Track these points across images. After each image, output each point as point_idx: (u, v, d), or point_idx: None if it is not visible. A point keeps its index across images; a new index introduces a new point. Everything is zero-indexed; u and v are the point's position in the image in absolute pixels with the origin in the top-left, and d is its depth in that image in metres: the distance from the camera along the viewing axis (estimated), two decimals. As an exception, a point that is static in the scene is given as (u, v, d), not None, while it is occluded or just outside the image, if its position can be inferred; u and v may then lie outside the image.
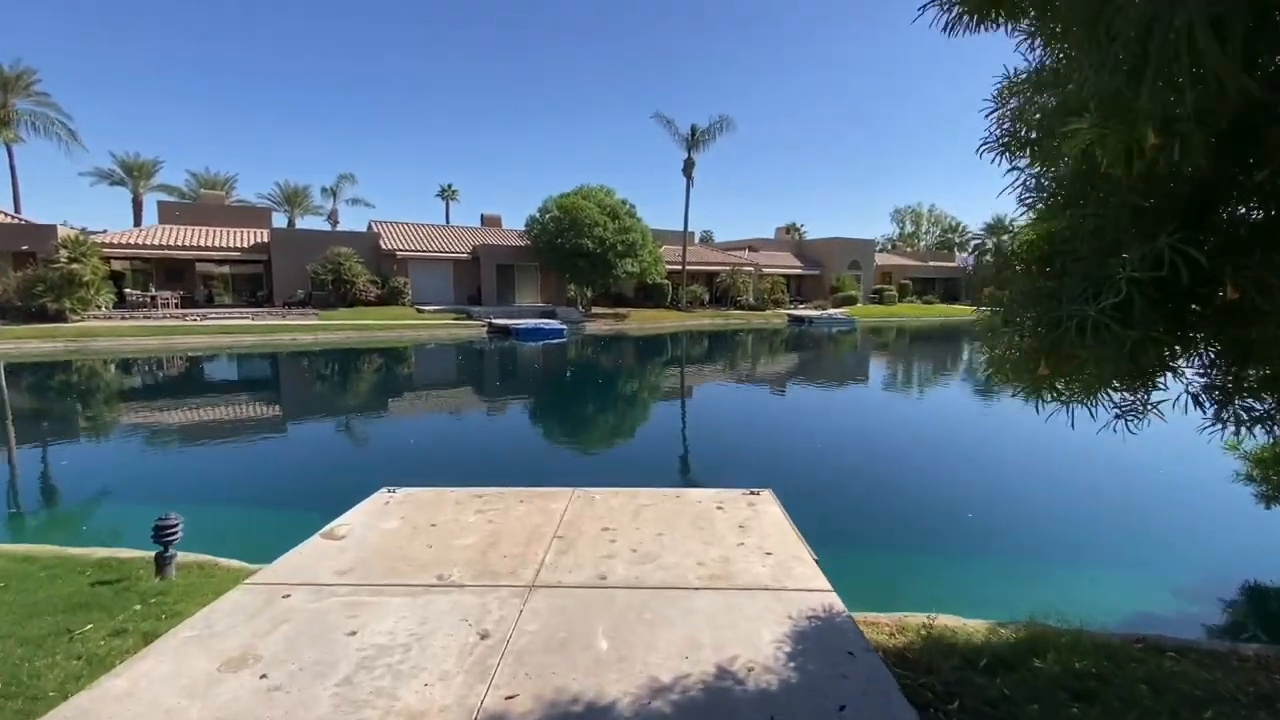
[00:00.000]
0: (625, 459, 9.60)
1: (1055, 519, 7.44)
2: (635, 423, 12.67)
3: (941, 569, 5.90)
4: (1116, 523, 7.35)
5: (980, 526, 6.95)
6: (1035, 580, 5.86)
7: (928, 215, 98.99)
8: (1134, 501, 8.06)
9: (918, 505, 7.53)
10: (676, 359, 24.19)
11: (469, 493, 5.39)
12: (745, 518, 4.79)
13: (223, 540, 5.67)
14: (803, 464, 9.30)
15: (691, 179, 40.48)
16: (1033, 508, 7.78)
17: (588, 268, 33.85)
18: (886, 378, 20.20)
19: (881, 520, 7.02)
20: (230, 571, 4.70)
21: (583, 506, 5.05)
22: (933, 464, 9.58)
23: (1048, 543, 6.75)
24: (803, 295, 51.54)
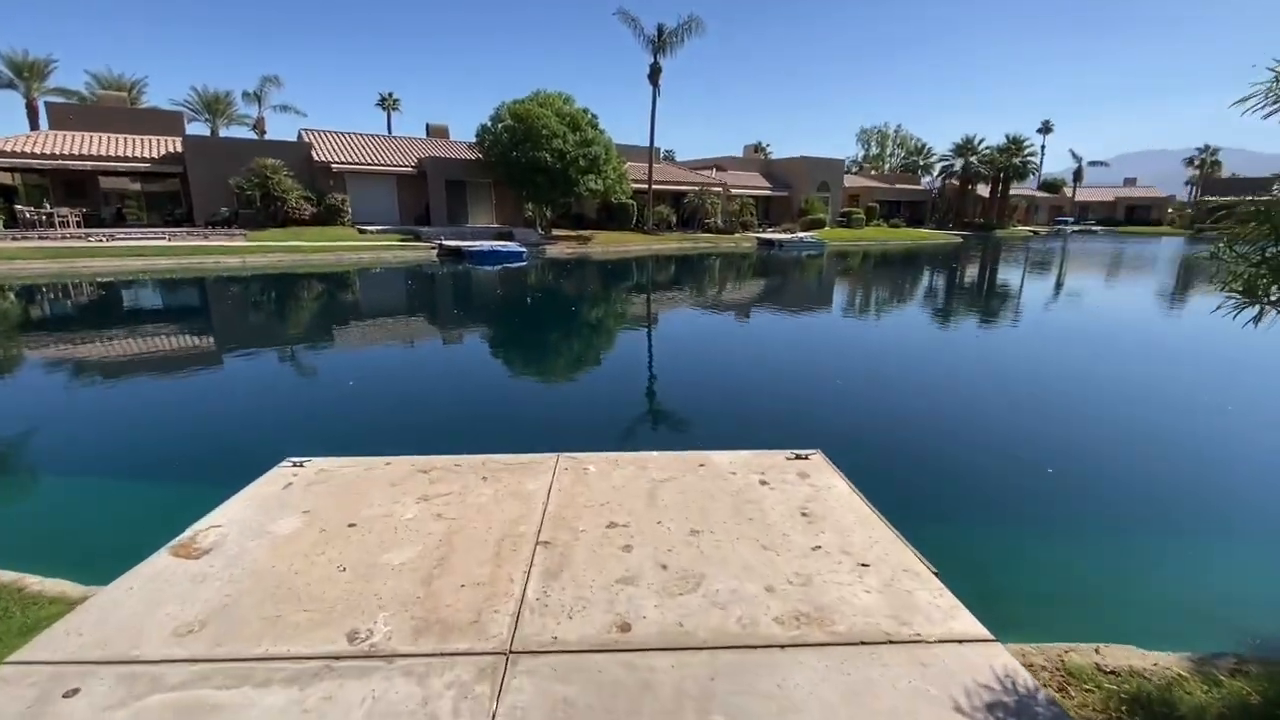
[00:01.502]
0: (612, 402, 7.88)
1: (1173, 470, 6.06)
2: (617, 359, 10.81)
3: (1028, 545, 4.62)
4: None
5: (1066, 484, 5.55)
6: (1182, 563, 4.45)
7: (893, 136, 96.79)
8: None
9: (966, 453, 6.31)
10: (649, 285, 22.50)
11: (411, 464, 3.85)
12: (804, 498, 3.42)
13: (56, 540, 4.04)
14: (819, 406, 8.05)
15: (658, 87, 37.29)
16: (1133, 455, 6.35)
17: (547, 184, 31.12)
18: (880, 304, 19.07)
19: (925, 474, 5.84)
20: (34, 603, 3.09)
21: (572, 483, 3.59)
22: (972, 398, 8.42)
23: (1177, 505, 5.34)
24: (771, 218, 49.73)
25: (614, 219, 37.88)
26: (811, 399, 8.10)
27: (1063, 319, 16.65)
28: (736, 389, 8.47)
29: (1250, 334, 2.50)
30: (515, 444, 5.60)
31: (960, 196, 65.19)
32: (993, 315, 16.82)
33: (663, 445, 5.66)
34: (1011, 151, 62.70)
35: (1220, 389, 8.97)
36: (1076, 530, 4.77)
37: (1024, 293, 21.56)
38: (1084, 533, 4.75)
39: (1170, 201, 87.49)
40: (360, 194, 32.68)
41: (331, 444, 5.09)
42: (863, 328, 14.60)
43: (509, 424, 6.85)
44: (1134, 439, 6.77)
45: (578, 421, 7.10)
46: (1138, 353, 12.03)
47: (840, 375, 9.26)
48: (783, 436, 6.17)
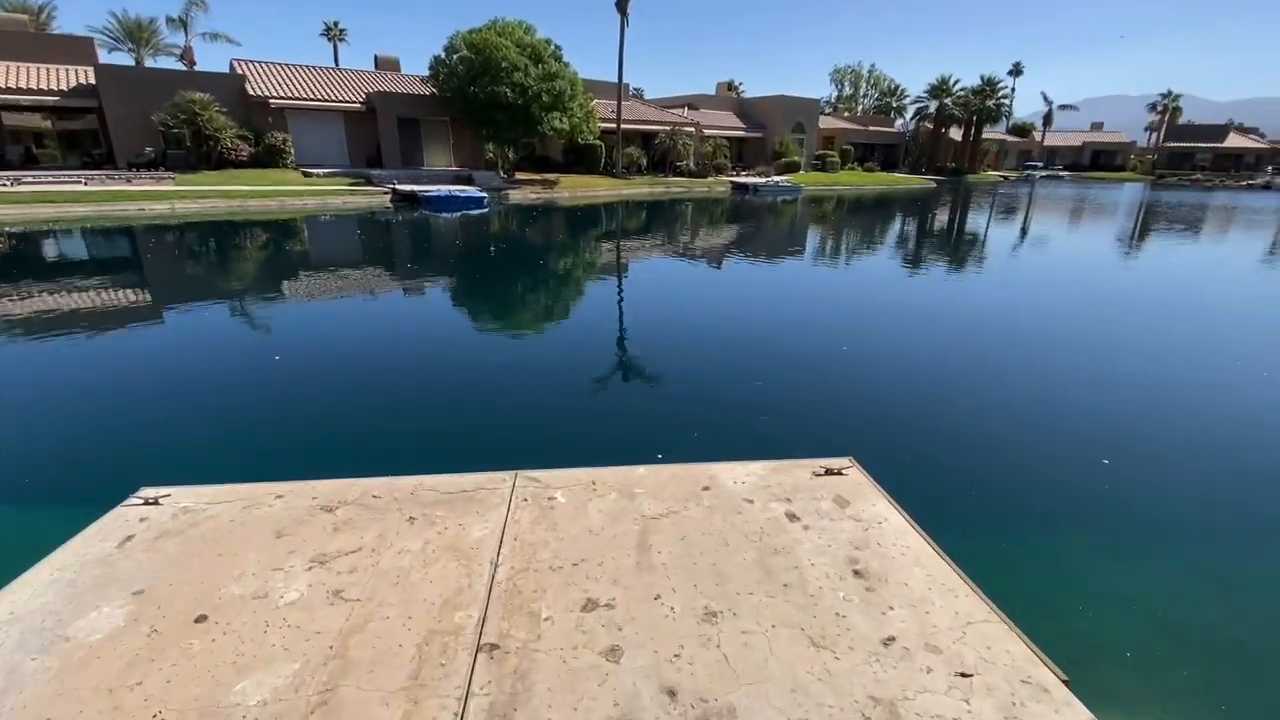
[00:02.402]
0: (587, 388, 6.47)
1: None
2: (593, 331, 9.00)
3: (1093, 567, 3.73)
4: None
5: (1129, 476, 4.63)
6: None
7: (867, 76, 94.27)
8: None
9: (1003, 436, 5.43)
10: (623, 236, 21.13)
11: (313, 496, 2.81)
12: (851, 540, 2.52)
13: None
14: (830, 378, 7.16)
15: (626, 16, 34.71)
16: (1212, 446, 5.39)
17: (508, 123, 28.93)
18: (874, 257, 18.15)
19: (959, 465, 5.03)
20: None
21: (534, 523, 2.62)
22: (999, 364, 7.61)
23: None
24: (744, 160, 48.01)
25: (581, 161, 35.87)
26: (820, 369, 7.18)
27: (1068, 274, 16.06)
28: (736, 364, 7.29)
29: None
30: (463, 452, 4.60)
31: (934, 140, 64.05)
32: (999, 268, 16.13)
33: (652, 447, 4.72)
34: (985, 94, 61.42)
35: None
36: (1157, 540, 4.05)
37: (1028, 242, 20.93)
38: (1169, 545, 4.03)
39: (1133, 148, 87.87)
40: (304, 133, 29.99)
41: (217, 455, 4.01)
42: (860, 283, 13.70)
43: (457, 421, 5.50)
44: (1204, 416, 6.10)
45: (543, 416, 5.65)
46: (1181, 313, 11.46)
47: (846, 341, 8.28)
48: (795, 424, 5.30)
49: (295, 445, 5.00)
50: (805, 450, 4.90)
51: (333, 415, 5.54)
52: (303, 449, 4.87)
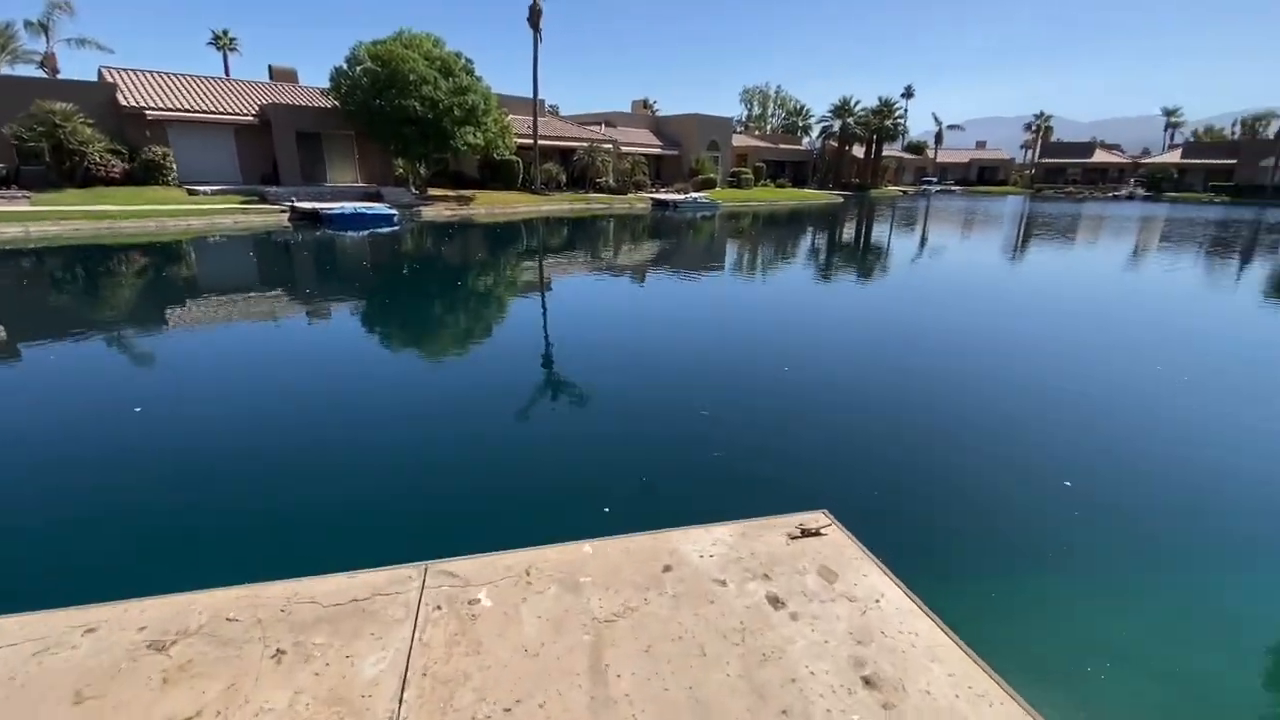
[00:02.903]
0: (513, 426, 5.59)
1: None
2: (519, 359, 7.99)
3: (1078, 605, 3.42)
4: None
5: (1094, 502, 4.38)
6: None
7: (774, 97, 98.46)
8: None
9: (965, 465, 5.20)
10: (546, 254, 20.43)
11: (140, 623, 2.06)
12: (850, 633, 2.06)
13: None
14: (776, 400, 6.82)
15: (539, 31, 34.23)
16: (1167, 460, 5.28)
17: (418, 137, 27.61)
18: (803, 271, 18.31)
19: (924, 496, 4.76)
20: None
21: (449, 644, 1.99)
22: (945, 376, 7.53)
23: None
24: (662, 177, 48.46)
25: (497, 177, 34.88)
26: (767, 393, 6.80)
27: (984, 284, 16.77)
28: (678, 393, 6.64)
29: None
30: (355, 538, 3.76)
31: (839, 157, 67.37)
32: (919, 280, 16.63)
33: (595, 502, 4.13)
34: (883, 114, 65.42)
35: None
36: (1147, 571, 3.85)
37: (941, 254, 21.87)
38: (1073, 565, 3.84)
39: (1013, 164, 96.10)
40: (188, 148, 27.42)
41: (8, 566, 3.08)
42: (789, 298, 13.66)
43: (350, 492, 4.29)
44: (1156, 429, 6.16)
45: (461, 480, 4.56)
46: (1092, 321, 11.99)
47: (787, 360, 7.93)
48: (749, 455, 4.80)
49: (125, 540, 3.73)
50: (767, 487, 4.49)
51: (185, 489, 4.31)
52: (135, 546, 3.70)
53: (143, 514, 4.06)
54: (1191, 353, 8.94)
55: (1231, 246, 24.24)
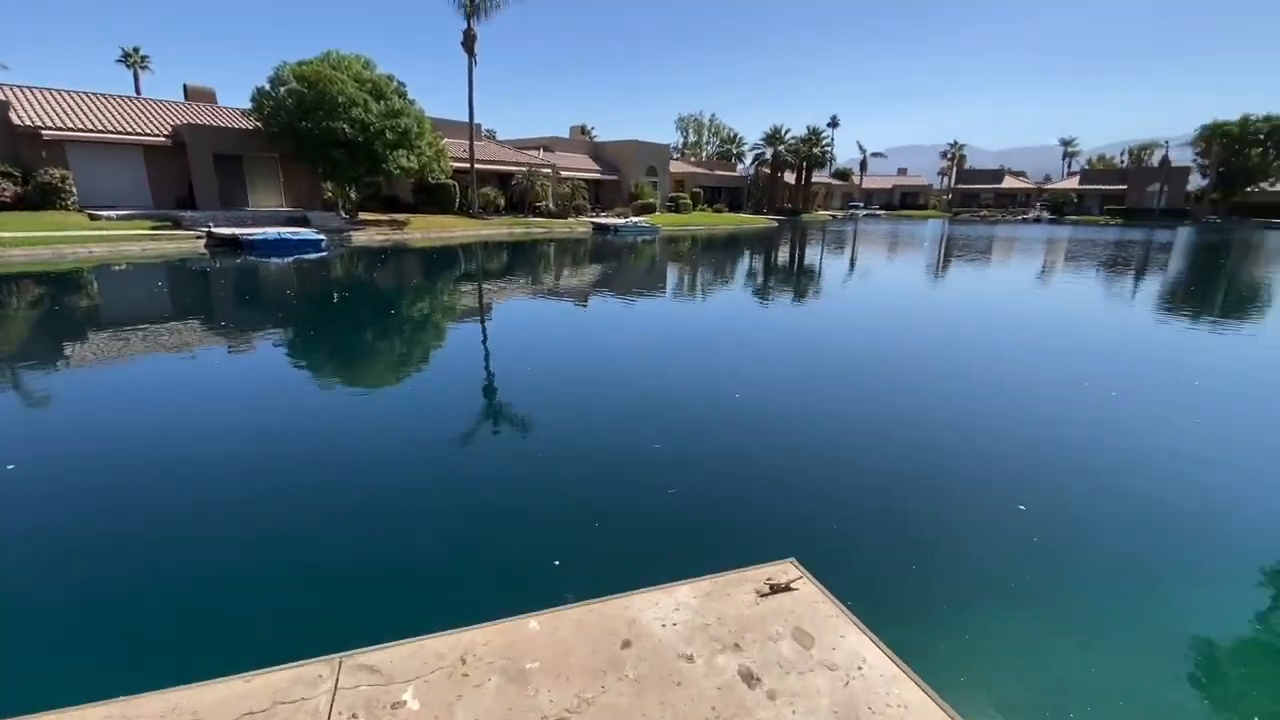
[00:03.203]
0: (442, 475, 5.12)
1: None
2: (452, 393, 7.43)
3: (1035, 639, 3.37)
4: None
5: (1050, 526, 4.38)
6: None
7: (709, 125, 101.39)
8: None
9: (903, 491, 5.22)
10: (487, 276, 19.89)
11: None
12: (830, 703, 1.84)
13: None
14: (726, 430, 6.65)
15: (474, 56, 33.94)
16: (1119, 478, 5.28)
17: (348, 160, 26.63)
18: (748, 291, 18.43)
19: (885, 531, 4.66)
20: None
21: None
22: (900, 418, 7.57)
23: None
24: (602, 202, 48.69)
25: (433, 201, 34.08)
26: (720, 421, 6.65)
27: (917, 306, 17.34)
28: (626, 424, 6.43)
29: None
30: (252, 626, 3.25)
31: (772, 183, 69.68)
32: (857, 301, 17.03)
33: (540, 558, 3.79)
34: (812, 142, 68.38)
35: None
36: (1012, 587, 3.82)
37: (873, 275, 22.59)
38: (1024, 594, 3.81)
39: (931, 190, 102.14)
40: (91, 170, 25.50)
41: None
42: (734, 320, 13.70)
43: (242, 566, 3.72)
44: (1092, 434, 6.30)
45: (381, 543, 4.01)
46: (1030, 339, 12.43)
47: (738, 387, 7.80)
48: (702, 488, 4.56)
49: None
50: (728, 527, 4.24)
51: (36, 574, 3.60)
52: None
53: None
54: (1114, 367, 9.41)
55: (1129, 265, 26.25)
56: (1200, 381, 8.50)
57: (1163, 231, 52.41)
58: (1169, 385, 8.57)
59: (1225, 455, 5.90)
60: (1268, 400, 7.99)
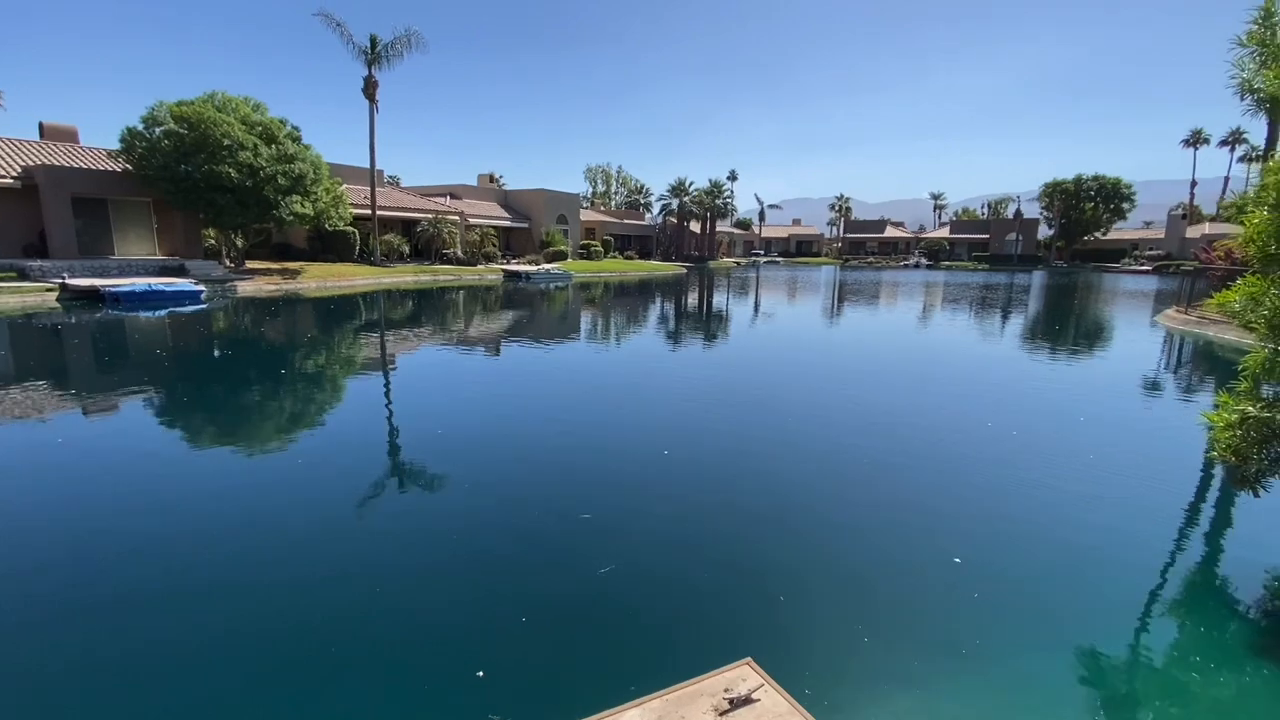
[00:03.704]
0: (340, 561, 4.45)
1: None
2: (345, 460, 6.72)
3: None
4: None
5: (984, 578, 4.42)
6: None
7: (616, 176, 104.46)
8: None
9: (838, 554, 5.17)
10: (390, 326, 18.81)
11: None
12: None
13: None
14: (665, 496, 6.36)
15: (375, 103, 33.13)
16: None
17: (234, 206, 24.80)
18: (668, 336, 18.43)
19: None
20: None
21: None
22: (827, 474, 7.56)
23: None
24: (513, 249, 48.33)
25: (330, 249, 32.42)
26: (647, 480, 6.40)
27: (827, 349, 18.02)
28: (549, 487, 6.16)
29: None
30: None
31: (679, 232, 72.24)
32: (775, 346, 17.47)
33: (454, 672, 3.31)
34: (714, 194, 71.93)
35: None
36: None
37: (782, 318, 23.41)
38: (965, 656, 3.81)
39: (823, 239, 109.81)
40: (-89, 212, 22.18)
41: None
42: (658, 370, 13.60)
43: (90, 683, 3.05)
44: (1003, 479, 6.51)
45: (256, 657, 3.38)
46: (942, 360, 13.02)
47: (666, 444, 7.56)
48: (643, 568, 4.15)
49: None
50: (667, 609, 3.87)
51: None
52: None
53: None
54: (1008, 403, 10.09)
55: (1000, 305, 29.02)
56: (1084, 418, 9.23)
57: (1022, 275, 58.80)
58: (1057, 420, 9.25)
59: (1128, 495, 6.32)
60: (1153, 437, 8.80)
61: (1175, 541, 5.25)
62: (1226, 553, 5.19)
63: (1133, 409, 10.30)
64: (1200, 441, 7.53)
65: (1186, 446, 8.06)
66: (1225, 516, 6.03)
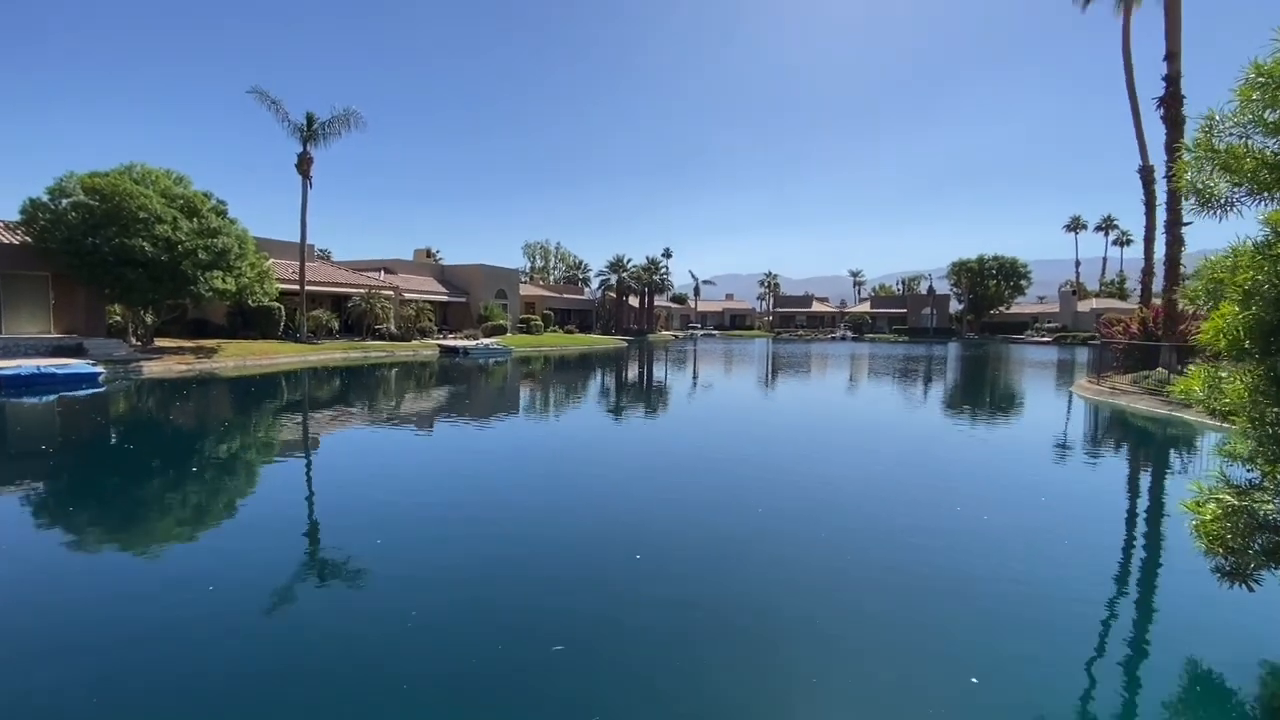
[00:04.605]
0: (250, 689, 3.76)
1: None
2: (260, 559, 6.03)
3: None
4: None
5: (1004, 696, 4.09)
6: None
7: (555, 251, 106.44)
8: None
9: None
10: (315, 407, 17.63)
11: None
12: None
13: None
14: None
15: (309, 179, 32.69)
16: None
17: (147, 282, 23.29)
18: (617, 410, 18.01)
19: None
20: None
21: None
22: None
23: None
24: (450, 324, 47.53)
25: (253, 325, 30.82)
26: (626, 592, 5.92)
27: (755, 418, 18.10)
28: (507, 593, 5.70)
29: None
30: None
31: (618, 306, 73.53)
32: (720, 415, 17.38)
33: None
34: (651, 270, 74.25)
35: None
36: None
37: (714, 389, 23.53)
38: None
39: (755, 313, 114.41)
40: None
41: None
42: (606, 441, 13.17)
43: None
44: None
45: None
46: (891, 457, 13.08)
47: (638, 547, 7.17)
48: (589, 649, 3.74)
49: None
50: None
51: None
52: None
53: None
54: (965, 479, 10.25)
55: (924, 375, 30.50)
56: (1045, 498, 9.39)
57: (939, 346, 62.63)
58: (1020, 502, 9.41)
59: (1106, 587, 6.34)
60: (1111, 516, 9.06)
61: (1163, 636, 5.18)
62: (1220, 648, 4.94)
63: (1077, 481, 10.67)
64: (1170, 524, 7.82)
65: (1144, 528, 8.32)
66: (1210, 606, 5.35)
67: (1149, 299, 24.12)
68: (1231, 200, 3.47)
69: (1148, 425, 15.06)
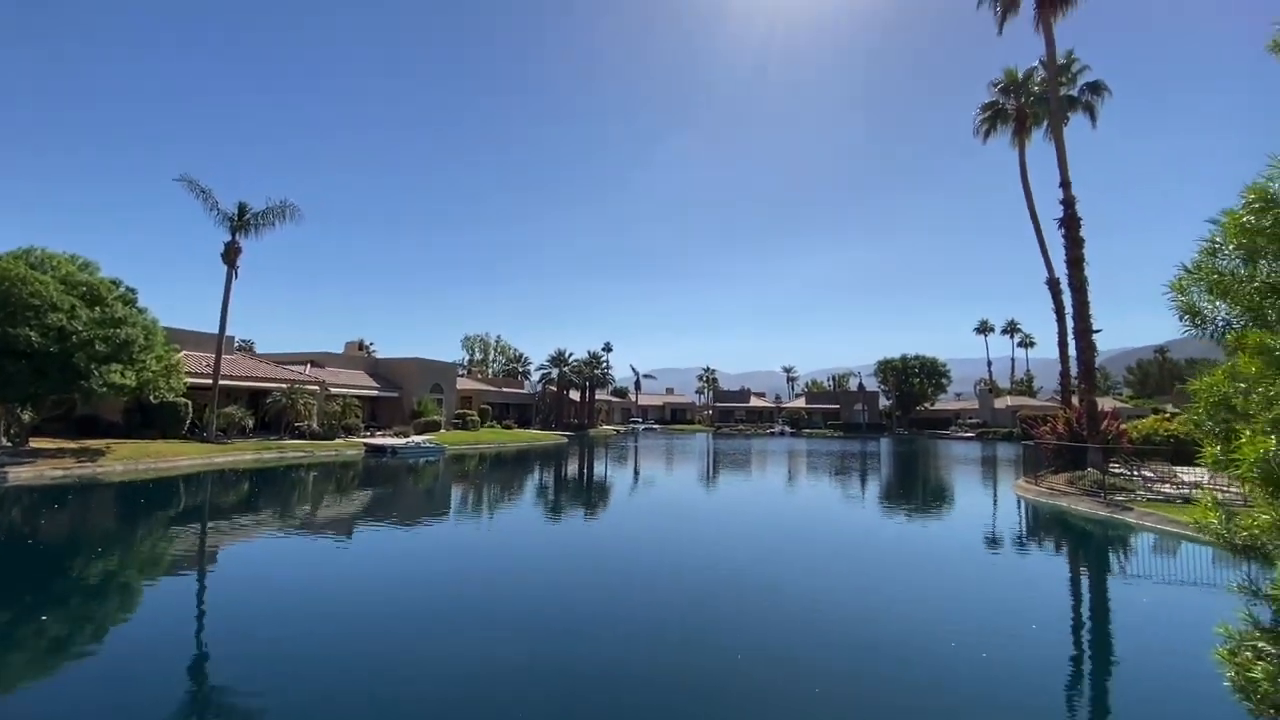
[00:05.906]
0: None
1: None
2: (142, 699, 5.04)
3: None
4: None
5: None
6: None
7: (495, 345, 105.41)
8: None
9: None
10: (216, 515, 15.48)
11: None
12: None
13: None
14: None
15: (235, 269, 31.19)
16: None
17: (29, 375, 20.82)
18: (549, 515, 16.61)
19: None
20: None
21: None
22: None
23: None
24: (380, 420, 45.04)
25: (152, 423, 27.99)
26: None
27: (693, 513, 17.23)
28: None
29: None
30: None
31: (559, 400, 72.36)
32: (658, 515, 16.35)
33: None
34: (593, 364, 74.15)
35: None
36: None
37: (654, 487, 22.55)
38: None
39: (695, 406, 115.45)
40: None
41: None
42: (542, 550, 11.87)
43: None
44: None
45: None
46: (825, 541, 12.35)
47: (561, 650, 6.07)
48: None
49: None
50: None
51: None
52: None
53: None
54: (942, 592, 9.66)
55: (862, 470, 30.67)
56: (1039, 619, 8.95)
57: (872, 442, 64.15)
58: (1006, 621, 8.87)
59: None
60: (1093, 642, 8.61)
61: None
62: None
63: (1042, 593, 10.31)
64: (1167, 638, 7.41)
65: (1132, 640, 7.90)
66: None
67: (1068, 399, 25.41)
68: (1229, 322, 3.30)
69: (1092, 528, 15.15)
